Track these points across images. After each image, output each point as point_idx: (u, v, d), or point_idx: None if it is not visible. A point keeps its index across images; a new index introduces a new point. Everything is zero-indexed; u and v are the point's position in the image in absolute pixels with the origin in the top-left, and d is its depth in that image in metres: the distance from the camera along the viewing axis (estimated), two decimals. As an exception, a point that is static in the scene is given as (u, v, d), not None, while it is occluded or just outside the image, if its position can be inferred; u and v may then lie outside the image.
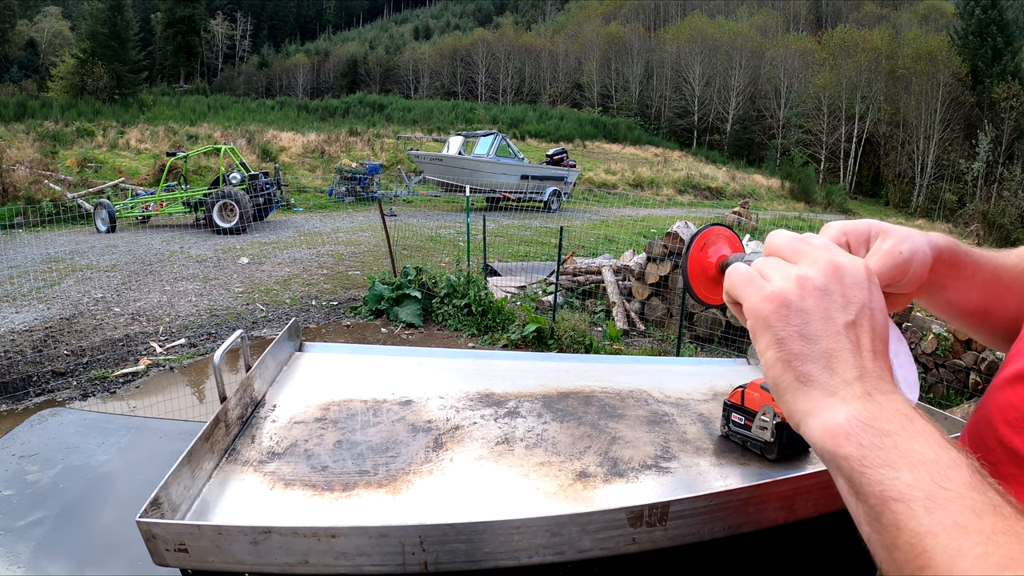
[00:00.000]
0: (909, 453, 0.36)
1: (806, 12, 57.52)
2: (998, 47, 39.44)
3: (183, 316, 6.52)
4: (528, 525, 0.62)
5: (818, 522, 0.76)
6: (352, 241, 11.09)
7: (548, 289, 7.60)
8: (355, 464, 0.80)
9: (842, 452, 0.39)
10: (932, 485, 0.34)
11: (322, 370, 1.12)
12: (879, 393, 0.40)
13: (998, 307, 0.62)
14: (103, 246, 10.03)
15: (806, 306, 0.43)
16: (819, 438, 0.41)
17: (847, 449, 0.38)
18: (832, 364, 0.42)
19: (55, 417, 1.67)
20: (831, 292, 0.44)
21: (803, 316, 0.43)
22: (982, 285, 0.61)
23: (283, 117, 35.50)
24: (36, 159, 15.51)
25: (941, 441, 0.37)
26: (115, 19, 37.98)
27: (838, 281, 0.44)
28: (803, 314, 0.43)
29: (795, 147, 41.80)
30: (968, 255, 0.60)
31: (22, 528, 1.21)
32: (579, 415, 0.97)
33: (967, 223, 26.21)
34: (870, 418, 0.39)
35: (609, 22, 57.69)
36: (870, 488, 0.37)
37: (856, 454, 0.38)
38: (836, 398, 0.41)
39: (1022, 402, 0.47)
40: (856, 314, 0.43)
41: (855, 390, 0.40)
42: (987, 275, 0.61)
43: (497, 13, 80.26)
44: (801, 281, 0.44)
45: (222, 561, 0.61)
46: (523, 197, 16.50)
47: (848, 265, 0.45)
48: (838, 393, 0.41)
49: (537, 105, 48.38)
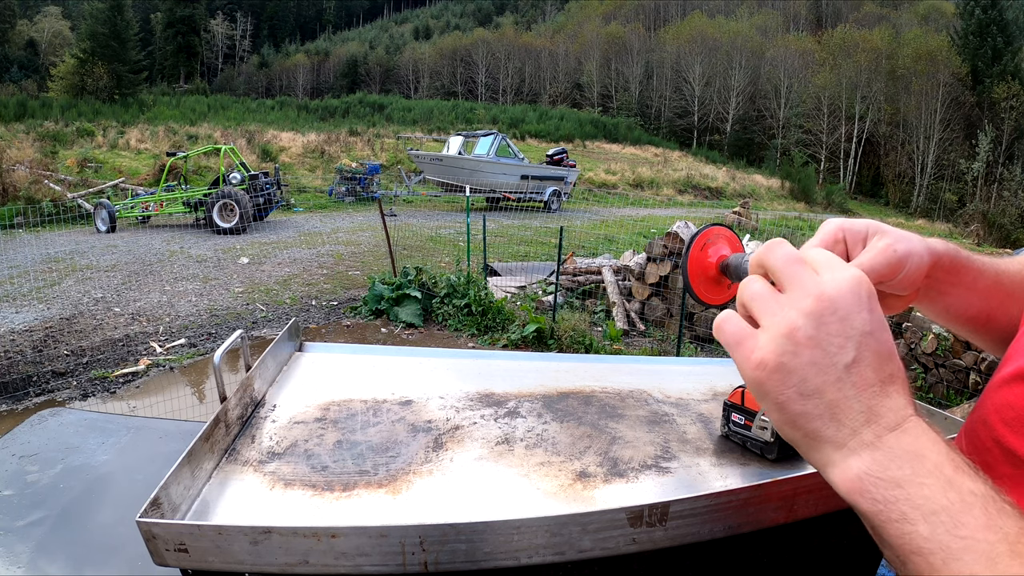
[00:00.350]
0: (921, 503, 0.37)
1: (806, 12, 57.53)
2: (998, 47, 39.45)
3: (183, 316, 6.52)
4: (528, 525, 0.62)
5: (818, 522, 0.76)
6: (352, 241, 11.09)
7: (548, 289, 7.60)
8: (355, 464, 0.80)
9: (861, 508, 0.40)
10: (947, 536, 0.35)
11: (322, 370, 1.12)
12: (888, 432, 0.40)
13: (1000, 313, 0.62)
14: (103, 246, 10.03)
15: (801, 364, 0.41)
16: (839, 488, 0.41)
17: (864, 506, 0.39)
18: (838, 416, 0.41)
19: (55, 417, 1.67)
20: (826, 337, 0.41)
21: (799, 375, 0.41)
22: (984, 291, 0.61)
23: (283, 117, 35.51)
24: (36, 159, 15.51)
25: (952, 477, 0.37)
26: (115, 19, 37.97)
27: (832, 319, 0.41)
28: (799, 373, 0.41)
29: (795, 147, 41.81)
30: (969, 261, 0.60)
31: (22, 528, 1.21)
32: (579, 415, 0.97)
33: (967, 223, 26.21)
34: (880, 469, 0.39)
35: (609, 22, 57.70)
36: (891, 540, 0.38)
37: (872, 510, 0.39)
38: (846, 450, 0.41)
39: (1019, 402, 0.47)
40: (856, 349, 0.41)
41: (864, 438, 0.40)
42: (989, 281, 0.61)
43: (497, 13, 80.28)
44: (791, 336, 0.41)
45: (222, 561, 0.61)
46: (523, 197, 16.50)
47: (840, 293, 0.42)
48: (847, 444, 0.40)
49: (537, 105, 48.39)
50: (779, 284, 0.44)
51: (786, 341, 0.41)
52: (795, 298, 0.42)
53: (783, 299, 0.43)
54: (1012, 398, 0.48)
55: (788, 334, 0.41)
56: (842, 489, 0.41)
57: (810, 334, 0.41)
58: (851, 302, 0.41)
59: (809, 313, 0.41)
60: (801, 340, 0.41)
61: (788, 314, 0.42)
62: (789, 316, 0.42)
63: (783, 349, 0.41)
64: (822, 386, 0.41)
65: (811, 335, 0.41)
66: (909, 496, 0.37)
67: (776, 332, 0.42)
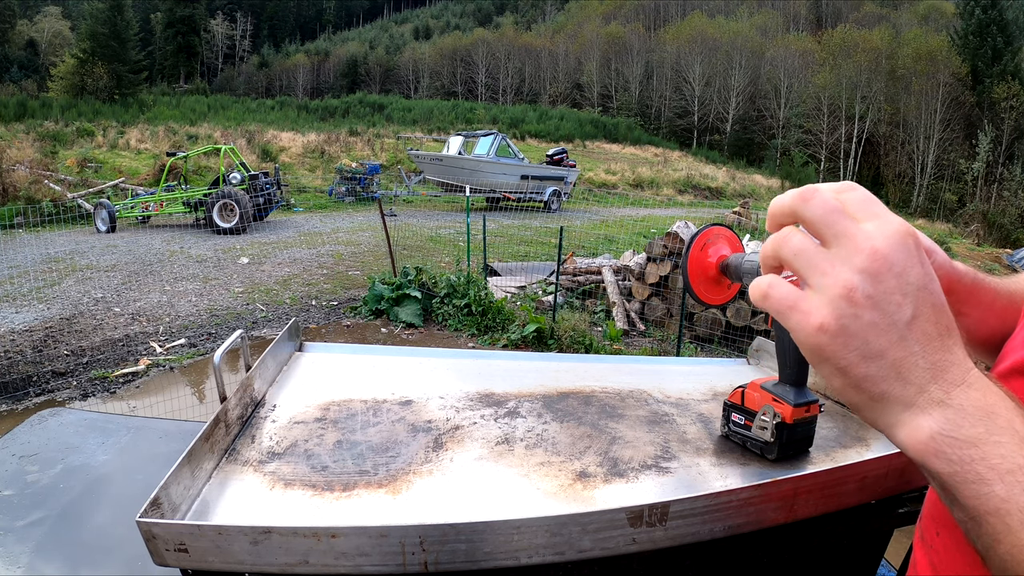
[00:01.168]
0: (997, 462, 0.36)
1: (806, 12, 57.53)
2: (998, 47, 39.44)
3: (183, 316, 6.52)
4: (528, 525, 0.62)
5: (818, 522, 0.76)
6: (352, 241, 11.09)
7: (548, 289, 7.60)
8: (355, 464, 0.80)
9: (933, 469, 0.38)
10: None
11: (322, 370, 1.12)
12: (955, 387, 0.39)
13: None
14: (103, 246, 10.03)
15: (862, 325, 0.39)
16: (908, 449, 0.40)
17: (937, 466, 0.38)
18: (903, 374, 0.39)
19: (55, 417, 1.67)
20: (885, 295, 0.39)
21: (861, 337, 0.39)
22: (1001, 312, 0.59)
23: (283, 117, 35.51)
24: (36, 159, 15.51)
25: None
26: (115, 19, 37.98)
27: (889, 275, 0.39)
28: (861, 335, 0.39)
29: (795, 147, 41.82)
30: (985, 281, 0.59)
31: (22, 528, 1.21)
32: (579, 415, 0.97)
33: (967, 223, 26.21)
34: (953, 428, 0.38)
35: (609, 22, 57.71)
36: (965, 501, 0.37)
37: (947, 470, 0.38)
38: (915, 408, 0.39)
39: (1017, 396, 0.47)
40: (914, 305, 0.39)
41: (933, 395, 0.39)
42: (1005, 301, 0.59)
43: (497, 13, 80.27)
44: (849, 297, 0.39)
45: (222, 561, 0.61)
46: (523, 197, 16.50)
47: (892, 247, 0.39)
48: (916, 403, 0.39)
49: (537, 105, 48.39)
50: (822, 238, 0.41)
51: (845, 303, 0.39)
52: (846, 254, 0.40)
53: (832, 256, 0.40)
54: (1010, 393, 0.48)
55: (846, 295, 0.39)
56: (912, 451, 0.39)
57: (869, 293, 0.39)
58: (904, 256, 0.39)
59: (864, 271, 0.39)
60: (860, 301, 0.39)
61: (842, 273, 0.40)
62: (843, 275, 0.39)
63: (842, 311, 0.39)
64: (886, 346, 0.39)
65: (870, 294, 0.39)
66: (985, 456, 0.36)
67: (833, 293, 0.40)
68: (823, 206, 0.41)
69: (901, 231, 0.40)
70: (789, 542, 0.80)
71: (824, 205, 0.41)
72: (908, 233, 0.40)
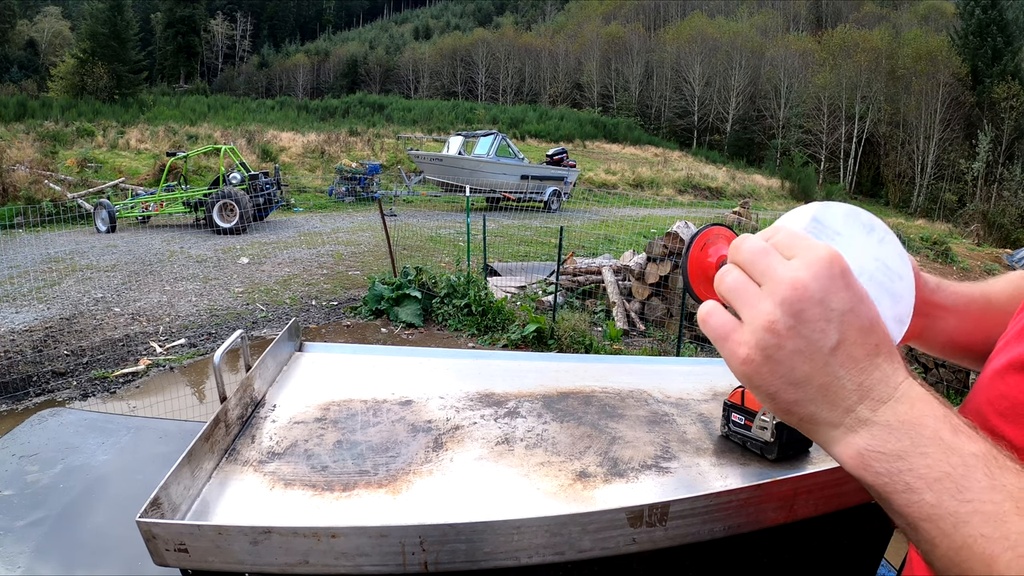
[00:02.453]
0: (925, 472, 0.37)
1: (806, 12, 57.52)
2: (998, 47, 39.45)
3: (183, 316, 6.52)
4: (528, 525, 0.62)
5: (818, 522, 0.76)
6: (352, 241, 11.09)
7: (548, 289, 7.60)
8: (355, 464, 0.80)
9: (866, 482, 0.40)
10: (953, 501, 0.36)
11: (322, 370, 1.12)
12: (882, 404, 0.40)
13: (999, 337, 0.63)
14: (103, 246, 10.03)
15: (786, 354, 0.41)
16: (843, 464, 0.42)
17: (869, 479, 0.40)
18: (830, 397, 0.41)
19: (55, 417, 1.67)
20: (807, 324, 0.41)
21: (786, 366, 0.41)
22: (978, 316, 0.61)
23: (283, 117, 35.50)
24: (36, 159, 15.51)
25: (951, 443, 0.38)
26: (115, 19, 37.99)
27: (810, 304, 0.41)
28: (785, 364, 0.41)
29: (795, 147, 41.82)
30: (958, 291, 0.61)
31: (22, 528, 1.22)
32: (579, 415, 0.97)
33: (967, 223, 26.21)
34: (880, 444, 0.39)
35: (609, 22, 57.71)
36: (900, 509, 0.39)
37: (878, 482, 0.39)
38: (843, 428, 0.41)
39: (1013, 392, 0.47)
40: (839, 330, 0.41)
41: (860, 414, 0.40)
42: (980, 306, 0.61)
43: (497, 13, 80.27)
44: (771, 328, 0.41)
45: (222, 561, 0.61)
46: (523, 197, 16.50)
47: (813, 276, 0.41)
48: (844, 423, 0.41)
49: (537, 105, 48.39)
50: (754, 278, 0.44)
51: (768, 335, 0.41)
52: (769, 289, 0.42)
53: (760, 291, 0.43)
54: (1006, 388, 0.48)
55: (768, 327, 0.41)
56: (846, 466, 0.41)
57: (790, 324, 0.41)
58: (826, 283, 0.41)
59: (785, 302, 0.41)
60: (782, 332, 0.41)
61: (765, 306, 0.42)
62: (766, 308, 0.42)
63: (766, 343, 0.41)
64: (811, 373, 0.41)
65: (791, 325, 0.41)
66: (912, 467, 0.38)
67: (757, 325, 0.42)
68: (750, 250, 0.44)
69: (824, 259, 0.42)
70: (789, 542, 0.80)
71: (750, 249, 0.44)
72: (831, 261, 0.42)
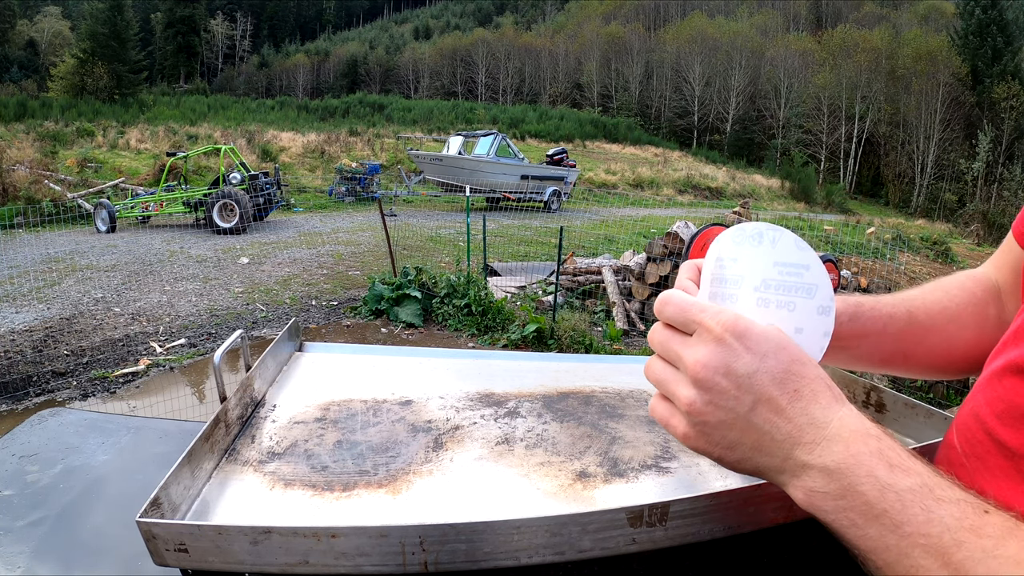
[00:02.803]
0: (865, 509, 0.40)
1: (806, 12, 57.54)
2: (998, 47, 39.46)
3: (183, 316, 6.52)
4: (528, 525, 0.62)
5: (818, 522, 0.76)
6: (352, 241, 11.09)
7: (548, 289, 7.60)
8: (355, 464, 0.80)
9: (818, 518, 0.43)
10: (893, 536, 0.39)
11: (322, 370, 1.12)
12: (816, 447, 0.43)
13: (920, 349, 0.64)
14: (103, 246, 10.03)
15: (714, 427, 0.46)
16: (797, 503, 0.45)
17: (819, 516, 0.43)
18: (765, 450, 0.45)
19: (55, 417, 1.67)
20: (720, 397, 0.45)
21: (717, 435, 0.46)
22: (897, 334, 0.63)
23: (283, 117, 35.51)
24: (36, 159, 15.51)
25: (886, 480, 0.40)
26: (115, 19, 38.00)
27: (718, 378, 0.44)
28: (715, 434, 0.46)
29: (795, 147, 41.81)
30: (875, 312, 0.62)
31: (21, 528, 1.21)
32: (579, 415, 0.97)
33: (967, 223, 26.22)
34: (821, 485, 0.42)
35: (609, 22, 57.72)
36: (850, 542, 0.42)
37: (827, 519, 0.43)
38: (787, 473, 0.45)
39: (1009, 395, 0.47)
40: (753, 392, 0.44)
41: (798, 459, 0.43)
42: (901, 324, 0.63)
43: (497, 13, 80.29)
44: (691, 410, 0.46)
45: (222, 561, 0.61)
46: (523, 197, 16.50)
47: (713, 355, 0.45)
48: (786, 469, 0.45)
49: (537, 105, 48.39)
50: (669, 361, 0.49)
51: (693, 416, 0.46)
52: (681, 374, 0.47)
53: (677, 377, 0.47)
54: (1003, 391, 0.48)
55: (689, 410, 0.46)
56: (800, 504, 0.44)
57: (706, 400, 0.45)
58: (726, 355, 0.44)
59: (695, 383, 0.45)
60: (702, 409, 0.45)
61: (682, 392, 0.46)
62: (683, 394, 0.46)
63: (694, 422, 0.46)
64: (740, 435, 0.45)
65: (708, 400, 0.45)
66: (852, 504, 0.41)
67: (682, 410, 0.47)
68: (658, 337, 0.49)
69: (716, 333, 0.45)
70: (789, 542, 0.80)
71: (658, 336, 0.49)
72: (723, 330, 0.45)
